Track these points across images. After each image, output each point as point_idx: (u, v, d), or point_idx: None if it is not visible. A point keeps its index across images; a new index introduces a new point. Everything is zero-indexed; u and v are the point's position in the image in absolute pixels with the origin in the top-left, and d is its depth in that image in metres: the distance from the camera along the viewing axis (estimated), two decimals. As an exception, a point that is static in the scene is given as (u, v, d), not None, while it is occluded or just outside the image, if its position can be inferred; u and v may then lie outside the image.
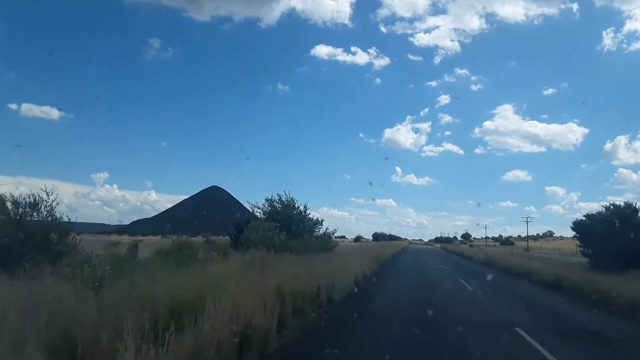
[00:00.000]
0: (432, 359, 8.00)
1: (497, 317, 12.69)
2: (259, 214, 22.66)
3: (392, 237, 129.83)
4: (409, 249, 76.10)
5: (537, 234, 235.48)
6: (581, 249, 25.74)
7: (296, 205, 22.82)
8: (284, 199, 22.45)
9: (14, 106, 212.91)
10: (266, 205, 22.45)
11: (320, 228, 24.66)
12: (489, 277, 24.84)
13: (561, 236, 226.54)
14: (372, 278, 20.99)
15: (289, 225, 20.95)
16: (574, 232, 25.36)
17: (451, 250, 76.76)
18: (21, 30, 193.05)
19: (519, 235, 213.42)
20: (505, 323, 11.07)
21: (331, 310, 12.24)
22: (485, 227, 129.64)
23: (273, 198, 22.52)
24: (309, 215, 23.75)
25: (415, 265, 36.63)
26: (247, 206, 26.42)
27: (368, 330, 9.98)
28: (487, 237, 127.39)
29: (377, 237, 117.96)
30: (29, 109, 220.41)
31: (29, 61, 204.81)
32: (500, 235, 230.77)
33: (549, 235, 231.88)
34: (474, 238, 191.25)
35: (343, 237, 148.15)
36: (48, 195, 11.47)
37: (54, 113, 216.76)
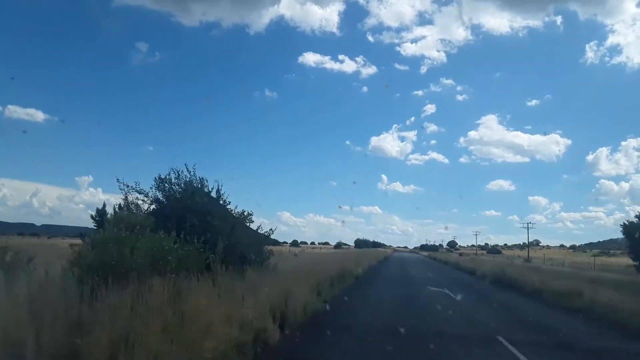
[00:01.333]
0: None
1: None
2: (142, 202, 13.57)
3: (375, 244, 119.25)
4: (392, 258, 65.36)
5: (523, 243, 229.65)
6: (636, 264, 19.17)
7: (208, 189, 14.17)
8: (186, 178, 13.72)
9: None
10: (154, 190, 13.55)
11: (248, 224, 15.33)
12: (559, 328, 12.11)
13: (548, 245, 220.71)
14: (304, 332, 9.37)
15: (199, 224, 12.20)
16: (624, 237, 20.32)
17: (441, 260, 65.74)
18: (5, 32, 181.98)
19: (506, 244, 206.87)
20: None
21: None
22: (476, 234, 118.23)
23: (167, 177, 13.50)
24: (228, 206, 14.57)
25: (401, 285, 24.51)
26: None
27: None
28: (477, 245, 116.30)
29: (360, 243, 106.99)
30: (14, 111, 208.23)
31: (14, 63, 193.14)
32: (487, 244, 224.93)
33: (535, 244, 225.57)
34: (460, 246, 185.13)
35: (327, 243, 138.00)
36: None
37: (39, 115, 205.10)
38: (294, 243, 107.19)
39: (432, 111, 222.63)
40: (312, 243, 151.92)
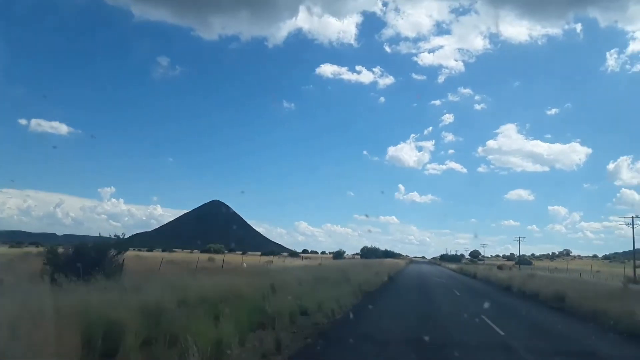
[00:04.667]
0: None
1: None
2: None
3: (387, 254, 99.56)
4: (406, 276, 41.62)
5: (553, 253, 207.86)
6: None
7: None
8: None
9: (23, 121, 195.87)
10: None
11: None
12: None
13: (579, 255, 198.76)
14: None
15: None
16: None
17: (476, 275, 44.29)
18: (32, 48, 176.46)
19: (533, 254, 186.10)
20: None
21: None
22: (519, 241, 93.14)
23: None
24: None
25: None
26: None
27: None
28: (517, 256, 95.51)
29: (367, 253, 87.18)
30: (38, 124, 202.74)
31: (39, 78, 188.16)
32: (512, 254, 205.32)
33: (565, 254, 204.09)
34: (483, 256, 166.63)
35: (324, 252, 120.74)
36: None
37: (63, 128, 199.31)
38: (293, 253, 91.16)
39: (450, 121, 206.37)
40: (304, 251, 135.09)
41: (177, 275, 17.76)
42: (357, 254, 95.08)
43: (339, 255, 78.51)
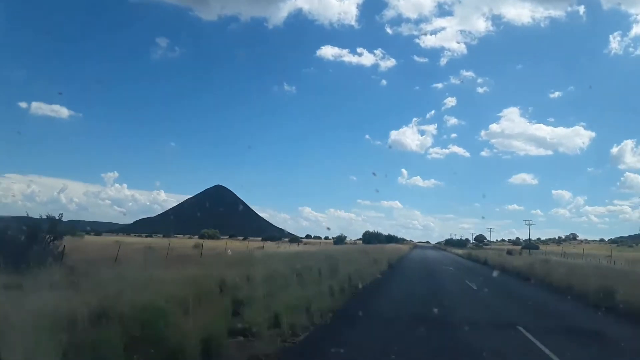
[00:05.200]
0: None
1: None
2: None
3: (390, 238, 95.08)
4: (410, 262, 37.08)
5: (559, 237, 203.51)
6: None
7: None
8: None
9: (23, 104, 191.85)
10: None
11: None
12: None
13: (586, 239, 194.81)
14: None
15: None
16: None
17: (485, 261, 38.60)
18: (30, 30, 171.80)
19: (539, 238, 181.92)
20: None
21: None
22: (529, 224, 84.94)
23: None
24: None
25: None
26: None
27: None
28: (528, 240, 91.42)
29: (369, 237, 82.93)
30: (39, 107, 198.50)
31: (38, 60, 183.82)
32: (518, 238, 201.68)
33: (572, 238, 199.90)
34: (489, 240, 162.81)
35: (327, 237, 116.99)
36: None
37: (64, 112, 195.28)
38: (294, 239, 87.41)
39: (453, 104, 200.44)
40: (307, 236, 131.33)
41: (134, 266, 13.83)
42: (359, 239, 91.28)
43: (339, 240, 74.21)
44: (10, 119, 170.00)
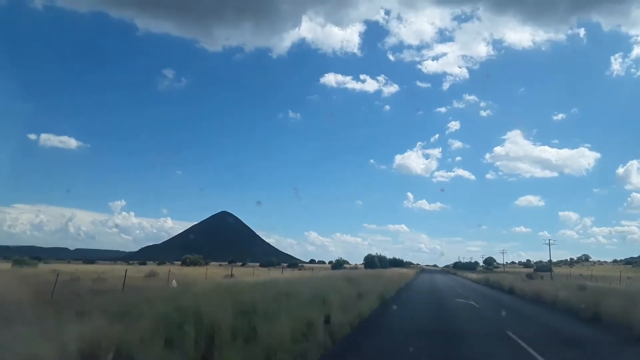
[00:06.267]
0: None
1: None
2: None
3: (395, 262, 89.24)
4: (414, 293, 28.52)
5: (571, 259, 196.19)
6: None
7: None
8: None
9: (33, 136, 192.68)
10: None
11: None
12: None
13: (599, 260, 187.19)
14: None
15: None
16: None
17: (519, 292, 27.68)
18: (39, 63, 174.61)
19: (550, 260, 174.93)
20: None
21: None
22: (549, 244, 76.93)
23: None
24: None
25: None
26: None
27: None
28: (547, 261, 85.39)
29: (371, 262, 76.55)
30: (48, 139, 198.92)
31: (47, 92, 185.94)
32: (529, 260, 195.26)
33: (584, 259, 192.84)
34: (498, 264, 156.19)
35: (331, 262, 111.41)
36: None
37: (72, 142, 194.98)
38: (292, 264, 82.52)
39: (456, 128, 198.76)
40: (311, 261, 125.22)
41: None
42: (362, 263, 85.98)
43: (338, 265, 68.90)
44: (20, 150, 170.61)
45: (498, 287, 35.34)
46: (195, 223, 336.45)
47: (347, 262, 78.40)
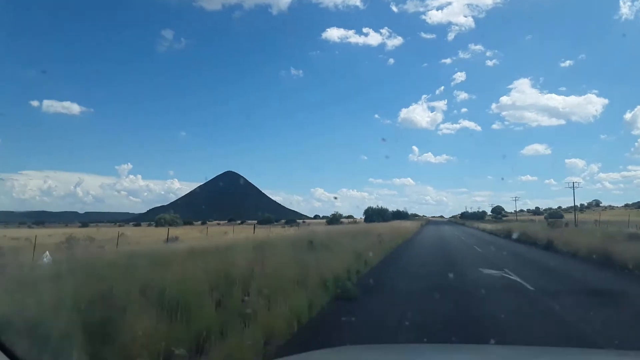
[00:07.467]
0: None
1: None
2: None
3: (398, 215, 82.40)
4: (419, 245, 25.17)
5: (582, 204, 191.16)
6: None
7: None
8: None
9: (35, 103, 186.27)
10: None
11: None
12: None
13: (610, 205, 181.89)
14: None
15: None
16: None
17: (561, 248, 20.00)
18: (38, 29, 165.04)
19: (560, 207, 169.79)
20: None
21: None
22: (574, 187, 70.17)
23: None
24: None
25: None
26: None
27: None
28: (574, 206, 79.51)
29: (372, 215, 70.01)
30: (50, 105, 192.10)
31: (47, 58, 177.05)
32: (537, 207, 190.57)
33: (595, 205, 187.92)
34: (506, 212, 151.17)
35: (327, 217, 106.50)
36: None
37: (75, 108, 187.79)
38: (290, 220, 77.86)
39: (462, 79, 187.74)
40: (316, 216, 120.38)
41: None
42: (362, 217, 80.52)
43: (334, 220, 62.80)
44: (23, 117, 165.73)
45: (528, 241, 26.49)
46: (202, 183, 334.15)
47: (350, 217, 72.72)
